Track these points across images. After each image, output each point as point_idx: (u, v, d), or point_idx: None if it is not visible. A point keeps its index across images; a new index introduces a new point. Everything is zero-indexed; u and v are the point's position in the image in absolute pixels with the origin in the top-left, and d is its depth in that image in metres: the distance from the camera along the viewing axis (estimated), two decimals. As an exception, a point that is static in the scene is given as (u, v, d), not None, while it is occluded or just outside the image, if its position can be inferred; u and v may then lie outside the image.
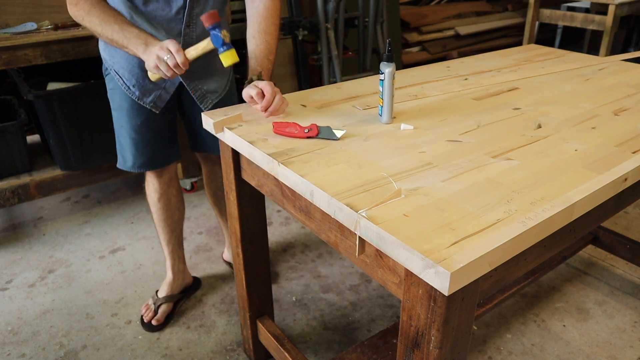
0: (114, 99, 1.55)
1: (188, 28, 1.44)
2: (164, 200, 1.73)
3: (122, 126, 1.56)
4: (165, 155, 1.65)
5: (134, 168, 1.62)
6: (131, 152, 1.59)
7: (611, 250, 2.01)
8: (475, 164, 1.00)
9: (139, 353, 1.69)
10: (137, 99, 1.51)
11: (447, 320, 0.78)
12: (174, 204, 1.76)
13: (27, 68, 2.35)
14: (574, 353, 1.67)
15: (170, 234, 1.80)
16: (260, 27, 1.39)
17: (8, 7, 2.18)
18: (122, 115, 1.55)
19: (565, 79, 1.57)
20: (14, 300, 1.94)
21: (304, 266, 2.12)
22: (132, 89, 1.50)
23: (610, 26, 3.39)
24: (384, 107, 1.21)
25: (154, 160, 1.63)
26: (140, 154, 1.59)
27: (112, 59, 1.49)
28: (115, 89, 1.53)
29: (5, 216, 2.51)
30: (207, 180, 1.90)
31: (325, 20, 2.69)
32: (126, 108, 1.53)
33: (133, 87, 1.50)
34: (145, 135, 1.56)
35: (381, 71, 1.19)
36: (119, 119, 1.56)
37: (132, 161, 1.60)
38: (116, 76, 1.50)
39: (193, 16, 1.42)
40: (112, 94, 1.55)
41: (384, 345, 1.49)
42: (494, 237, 0.77)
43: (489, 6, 4.71)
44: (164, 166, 1.66)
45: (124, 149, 1.61)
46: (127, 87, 1.50)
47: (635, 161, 1.01)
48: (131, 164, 1.62)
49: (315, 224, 1.01)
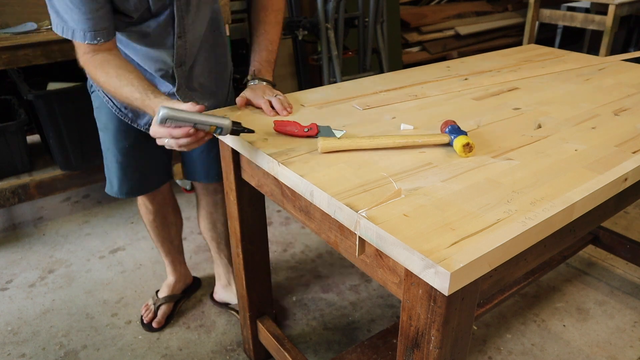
0: (100, 119, 1.43)
1: (180, 39, 1.29)
2: (160, 219, 1.65)
3: (108, 149, 1.45)
4: (156, 178, 1.54)
5: (120, 194, 1.50)
6: (117, 176, 1.47)
7: (611, 250, 2.01)
8: (475, 164, 1.00)
9: (139, 353, 1.69)
10: (131, 121, 1.40)
11: (447, 320, 0.78)
12: (170, 220, 1.69)
13: (27, 68, 2.35)
14: (574, 353, 1.67)
15: (170, 246, 1.76)
16: (260, 16, 1.35)
17: (8, 7, 2.18)
18: (108, 137, 1.43)
19: (565, 79, 1.57)
20: (14, 300, 1.94)
21: (304, 266, 2.12)
22: (124, 110, 1.39)
23: (610, 26, 3.39)
24: None
25: (143, 186, 1.52)
26: (128, 180, 1.48)
27: None
28: (101, 108, 1.41)
29: (5, 216, 2.51)
30: (204, 212, 1.71)
31: (325, 20, 2.69)
32: (112, 129, 1.41)
33: (125, 109, 1.38)
34: (133, 159, 1.45)
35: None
36: (105, 140, 1.45)
37: (118, 187, 1.49)
38: (105, 97, 1.38)
39: (184, 26, 1.27)
40: (98, 113, 1.43)
41: (384, 345, 1.49)
42: (494, 237, 0.77)
43: (489, 6, 4.71)
44: (155, 189, 1.56)
45: (110, 172, 1.49)
46: (117, 109, 1.39)
47: (635, 161, 1.01)
48: (117, 190, 1.50)
49: (315, 224, 1.01)
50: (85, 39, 1.13)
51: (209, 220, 1.72)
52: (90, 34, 1.13)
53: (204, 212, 1.71)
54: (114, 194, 1.51)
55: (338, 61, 2.76)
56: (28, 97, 2.09)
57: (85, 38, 1.13)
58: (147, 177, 1.51)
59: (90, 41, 1.13)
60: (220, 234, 1.75)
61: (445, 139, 1.07)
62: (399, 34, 3.83)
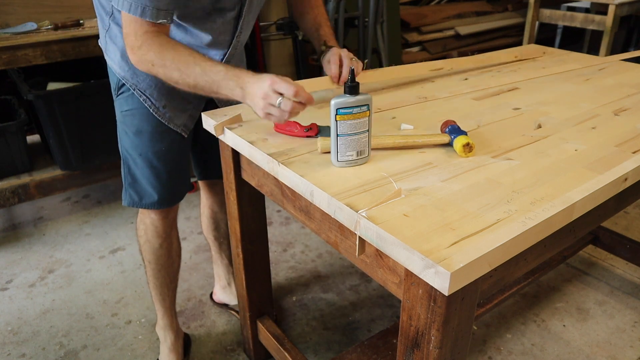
0: (131, 123, 1.32)
1: (237, 39, 1.29)
2: (166, 245, 1.47)
3: (140, 154, 1.33)
4: (184, 187, 1.44)
5: (153, 205, 1.38)
6: (152, 185, 1.36)
7: (611, 250, 2.01)
8: (475, 164, 1.00)
9: (139, 353, 1.69)
10: (168, 121, 1.31)
11: (447, 320, 0.78)
12: (175, 249, 1.52)
13: (27, 68, 2.35)
14: (574, 353, 1.67)
15: (169, 286, 1.55)
16: (311, 2, 1.40)
17: (8, 7, 2.18)
18: (143, 142, 1.32)
19: (565, 79, 1.57)
20: (14, 300, 1.94)
21: (304, 266, 2.12)
22: (162, 110, 1.30)
23: (610, 26, 3.39)
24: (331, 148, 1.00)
25: (174, 194, 1.41)
26: (163, 186, 1.36)
27: (135, 77, 1.28)
28: (134, 111, 1.31)
29: (5, 216, 2.51)
30: (209, 212, 1.68)
31: (325, 20, 2.68)
32: (149, 132, 1.31)
33: (164, 107, 1.30)
34: (168, 163, 1.36)
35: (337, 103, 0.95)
36: (138, 146, 1.33)
37: (153, 196, 1.37)
38: (142, 96, 1.29)
39: (242, 26, 1.27)
40: (131, 117, 1.32)
41: (384, 345, 1.49)
42: (494, 237, 0.77)
43: (489, 6, 4.71)
44: (179, 201, 1.45)
45: (138, 183, 1.37)
46: (155, 108, 1.29)
47: (635, 161, 1.01)
48: (152, 200, 1.37)
49: (315, 224, 1.01)
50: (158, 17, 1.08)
51: (212, 219, 1.70)
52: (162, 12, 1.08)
53: (208, 211, 1.69)
54: (146, 206, 1.38)
55: (338, 61, 2.76)
56: (28, 97, 2.09)
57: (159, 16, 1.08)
58: (178, 185, 1.41)
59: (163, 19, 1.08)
60: (222, 234, 1.74)
61: (446, 139, 1.07)
62: (399, 34, 3.83)
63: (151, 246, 1.46)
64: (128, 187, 1.39)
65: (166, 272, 1.51)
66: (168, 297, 1.56)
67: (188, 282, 2.03)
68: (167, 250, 1.48)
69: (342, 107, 0.95)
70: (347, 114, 0.95)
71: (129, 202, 1.39)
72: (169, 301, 1.57)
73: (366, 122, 0.97)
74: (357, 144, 0.98)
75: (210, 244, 1.79)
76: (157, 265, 1.49)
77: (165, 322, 1.60)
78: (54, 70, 2.46)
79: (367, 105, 0.96)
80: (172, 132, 1.34)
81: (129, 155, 1.36)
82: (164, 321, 1.60)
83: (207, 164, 1.56)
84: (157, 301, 1.56)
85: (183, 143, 1.38)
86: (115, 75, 1.31)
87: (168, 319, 1.60)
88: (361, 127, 0.97)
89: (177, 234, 1.52)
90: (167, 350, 1.61)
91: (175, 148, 1.36)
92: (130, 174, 1.37)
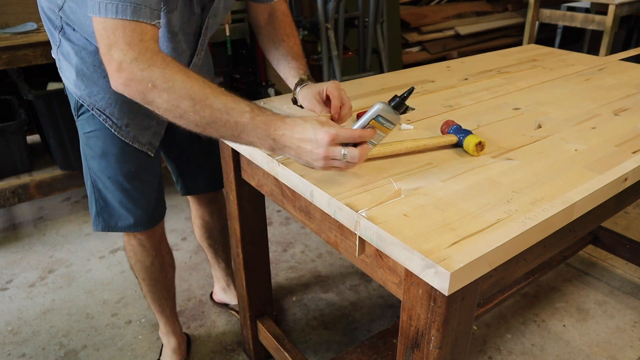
0: (95, 145, 1.21)
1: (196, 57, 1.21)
2: (158, 262, 1.42)
3: (109, 177, 1.24)
4: (160, 207, 1.37)
5: (130, 228, 1.30)
6: (126, 208, 1.27)
7: (611, 250, 2.01)
8: (475, 164, 1.00)
9: (139, 353, 1.69)
10: (132, 140, 1.21)
11: (447, 320, 0.78)
12: (167, 262, 1.47)
13: (27, 68, 2.35)
14: (574, 353, 1.67)
15: (167, 297, 1.52)
16: (286, 31, 1.23)
17: (8, 7, 2.18)
18: (110, 164, 1.22)
19: (565, 79, 1.57)
20: (14, 300, 1.94)
21: (304, 266, 2.12)
22: (125, 129, 1.19)
23: (610, 26, 3.39)
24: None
25: (153, 215, 1.33)
26: (139, 208, 1.29)
27: (93, 96, 1.15)
28: (96, 132, 1.20)
29: (5, 216, 2.51)
30: (200, 222, 1.65)
31: (325, 20, 2.69)
32: (115, 153, 1.21)
33: (126, 126, 1.19)
34: (140, 184, 1.27)
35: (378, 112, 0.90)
36: (105, 169, 1.23)
37: (129, 219, 1.29)
38: (101, 116, 1.17)
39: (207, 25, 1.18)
40: (95, 139, 1.21)
41: (384, 345, 1.49)
42: (494, 237, 0.77)
43: (489, 6, 4.71)
44: (160, 221, 1.37)
45: (110, 206, 1.28)
46: (117, 128, 1.18)
47: (635, 161, 1.01)
48: (128, 223, 1.29)
49: (315, 224, 1.01)
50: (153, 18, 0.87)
51: (205, 228, 1.67)
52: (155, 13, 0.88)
53: (199, 221, 1.66)
54: (121, 230, 1.30)
55: (338, 61, 2.76)
56: (28, 97, 2.09)
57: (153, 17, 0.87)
58: (156, 205, 1.33)
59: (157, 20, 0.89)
60: (216, 241, 1.71)
61: (454, 140, 1.07)
62: (399, 34, 3.83)
63: (142, 265, 1.41)
64: (100, 211, 1.29)
65: (162, 286, 1.48)
66: (167, 306, 1.55)
67: (188, 282, 2.03)
68: (160, 265, 1.44)
69: (383, 116, 0.90)
70: (382, 124, 0.91)
71: (102, 227, 1.30)
72: (169, 310, 1.56)
73: (383, 137, 0.94)
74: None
75: (205, 250, 1.77)
76: (151, 281, 1.45)
77: (167, 329, 1.60)
78: (54, 70, 2.46)
79: (395, 125, 0.93)
80: (139, 151, 1.25)
81: (97, 178, 1.26)
82: (166, 328, 1.60)
83: (186, 180, 1.52)
84: (157, 312, 1.55)
85: (153, 162, 1.30)
86: (73, 96, 1.19)
87: (170, 326, 1.59)
88: (378, 139, 0.94)
89: (167, 247, 1.47)
90: (171, 352, 1.62)
91: (145, 167, 1.27)
92: (102, 197, 1.27)
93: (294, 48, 1.20)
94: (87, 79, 1.14)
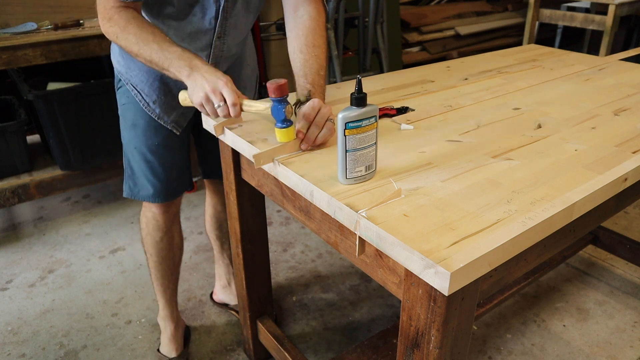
0: (127, 117, 1.37)
1: (218, 40, 1.29)
2: (167, 239, 1.51)
3: (135, 147, 1.37)
4: (180, 183, 1.45)
5: (149, 198, 1.41)
6: (147, 178, 1.39)
7: (611, 250, 2.01)
8: (475, 164, 1.00)
9: (139, 353, 1.69)
10: (157, 117, 1.35)
11: (447, 320, 0.78)
12: (176, 243, 1.55)
13: (27, 68, 2.35)
14: (574, 353, 1.67)
15: (170, 278, 1.59)
16: (308, 39, 1.21)
17: (8, 7, 2.18)
18: (137, 136, 1.36)
19: (565, 79, 1.57)
20: (14, 300, 1.94)
21: (304, 266, 2.12)
22: (151, 105, 1.33)
23: (610, 26, 3.39)
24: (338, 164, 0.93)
25: (170, 189, 1.43)
26: (158, 181, 1.40)
27: (129, 72, 1.32)
28: (129, 105, 1.35)
29: (5, 216, 2.51)
30: (212, 211, 1.72)
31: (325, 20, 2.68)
32: (142, 126, 1.35)
33: (153, 103, 1.33)
34: (162, 158, 1.38)
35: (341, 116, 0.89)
36: (133, 139, 1.37)
37: (149, 189, 1.40)
38: (133, 91, 1.33)
39: (225, 27, 1.28)
40: (125, 110, 1.37)
41: (384, 345, 1.49)
42: (494, 237, 0.77)
43: (489, 6, 4.71)
44: (177, 197, 1.47)
45: (135, 175, 1.41)
46: (146, 103, 1.33)
47: (635, 161, 1.01)
48: (148, 193, 1.41)
49: (315, 224, 1.01)
50: None
51: (216, 218, 1.73)
52: None
53: (212, 210, 1.72)
54: (142, 198, 1.42)
55: (338, 61, 2.76)
56: (28, 97, 2.09)
57: None
58: (175, 180, 1.43)
59: None
60: (225, 234, 1.77)
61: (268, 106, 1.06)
62: (399, 34, 3.83)
63: (152, 239, 1.50)
64: (127, 178, 1.43)
65: (167, 265, 1.55)
66: (169, 288, 1.61)
67: (188, 282, 2.03)
68: (168, 243, 1.52)
69: (351, 121, 0.89)
70: (356, 127, 0.89)
71: (127, 193, 1.45)
72: (170, 293, 1.62)
73: (374, 134, 0.93)
74: (365, 158, 0.93)
75: (212, 242, 1.82)
76: (158, 257, 1.53)
77: (166, 312, 1.65)
78: (54, 70, 2.46)
79: (375, 116, 0.91)
80: (165, 128, 1.37)
81: (127, 147, 1.40)
82: (164, 312, 1.65)
83: (210, 163, 1.58)
84: (158, 292, 1.61)
85: (179, 140, 1.41)
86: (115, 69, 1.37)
87: (169, 310, 1.64)
88: (370, 140, 0.92)
89: (179, 228, 1.55)
90: (167, 340, 1.66)
91: (170, 144, 1.39)
92: (130, 166, 1.42)
93: (309, 61, 1.20)
94: (127, 55, 1.30)
